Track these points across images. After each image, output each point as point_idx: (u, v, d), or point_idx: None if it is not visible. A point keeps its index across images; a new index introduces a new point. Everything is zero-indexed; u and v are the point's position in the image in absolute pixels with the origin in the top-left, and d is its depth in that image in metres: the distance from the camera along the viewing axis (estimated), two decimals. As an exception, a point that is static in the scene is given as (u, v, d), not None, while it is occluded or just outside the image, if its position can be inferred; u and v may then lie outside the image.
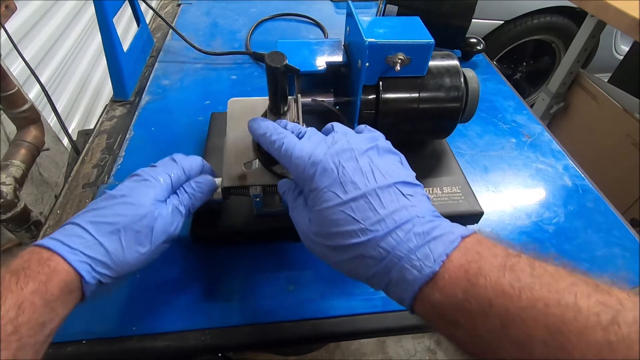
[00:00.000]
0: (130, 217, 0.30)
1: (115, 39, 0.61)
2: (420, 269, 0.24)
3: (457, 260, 0.23)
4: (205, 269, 0.43)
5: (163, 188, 0.33)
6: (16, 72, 0.88)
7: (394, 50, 0.41)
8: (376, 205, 0.26)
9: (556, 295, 0.20)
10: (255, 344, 0.39)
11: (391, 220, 0.25)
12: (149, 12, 0.81)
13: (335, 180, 0.27)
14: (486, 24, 1.62)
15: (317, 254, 0.29)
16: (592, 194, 0.54)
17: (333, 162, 0.28)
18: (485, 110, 0.67)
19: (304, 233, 0.30)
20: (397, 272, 0.24)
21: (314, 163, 0.29)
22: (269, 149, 0.32)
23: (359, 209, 0.26)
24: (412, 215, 0.26)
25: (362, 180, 0.27)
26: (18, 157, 0.73)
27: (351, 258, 0.26)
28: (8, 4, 0.65)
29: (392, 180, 0.27)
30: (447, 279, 0.23)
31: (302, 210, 0.30)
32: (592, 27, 1.14)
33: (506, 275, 0.22)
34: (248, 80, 0.72)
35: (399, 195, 0.27)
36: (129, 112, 0.64)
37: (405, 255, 0.24)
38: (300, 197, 0.31)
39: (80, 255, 0.28)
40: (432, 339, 1.16)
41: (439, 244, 0.24)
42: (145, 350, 0.37)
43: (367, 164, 0.28)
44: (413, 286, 0.24)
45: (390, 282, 0.25)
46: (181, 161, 0.36)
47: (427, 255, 0.24)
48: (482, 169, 0.56)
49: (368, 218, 0.26)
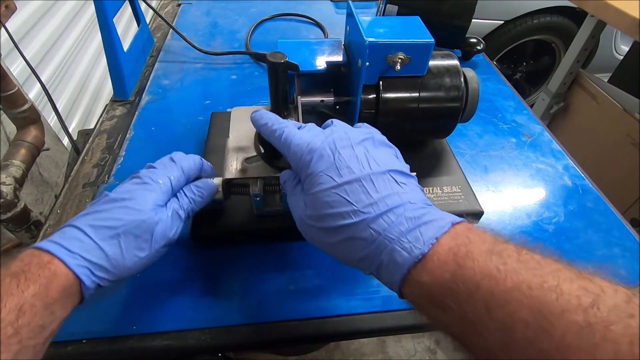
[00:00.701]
0: (130, 221, 0.30)
1: (116, 39, 0.61)
2: (410, 250, 0.24)
3: (446, 244, 0.24)
4: (205, 269, 0.43)
5: (163, 191, 0.33)
6: (16, 72, 0.88)
7: (394, 49, 0.41)
8: (369, 189, 0.27)
9: (540, 279, 0.20)
10: (255, 344, 0.39)
11: (383, 204, 0.26)
12: (149, 12, 0.81)
13: (331, 164, 0.28)
14: (486, 24, 1.62)
15: (311, 238, 0.30)
16: (592, 194, 0.54)
17: (330, 148, 0.29)
18: (485, 110, 0.67)
19: (299, 217, 0.31)
20: (388, 255, 0.25)
21: (311, 150, 0.29)
22: (270, 138, 0.34)
23: (352, 192, 0.27)
24: (404, 200, 0.26)
25: (357, 166, 0.28)
26: (18, 157, 0.73)
27: (343, 240, 0.27)
28: (8, 4, 0.65)
29: (386, 168, 0.28)
30: (436, 261, 0.23)
31: (299, 195, 0.31)
32: (592, 27, 1.14)
33: (493, 259, 0.22)
34: (248, 80, 0.72)
35: (392, 183, 0.28)
36: (129, 112, 0.64)
37: (396, 238, 0.25)
38: (298, 185, 0.32)
39: (80, 260, 0.28)
40: (432, 338, 1.16)
41: (429, 228, 0.25)
42: (146, 350, 0.37)
43: (362, 152, 0.29)
44: (402, 268, 0.24)
45: (381, 265, 0.26)
46: (180, 161, 0.36)
47: (417, 238, 0.24)
48: (482, 168, 0.56)
49: (361, 201, 0.26)
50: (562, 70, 1.27)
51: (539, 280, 0.20)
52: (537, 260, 0.22)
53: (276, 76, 0.36)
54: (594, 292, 0.19)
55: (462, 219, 0.26)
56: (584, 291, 0.19)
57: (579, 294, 0.19)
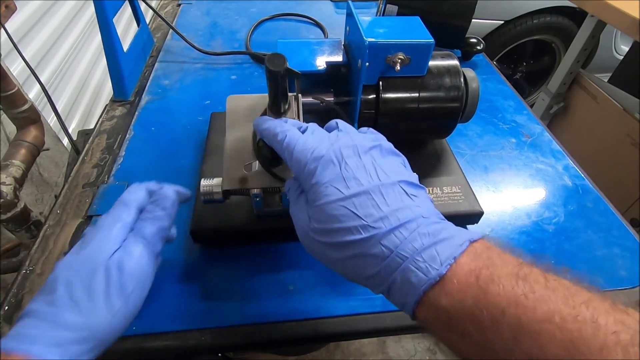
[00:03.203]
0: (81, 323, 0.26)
1: (115, 39, 0.61)
2: (426, 271, 0.22)
3: (466, 265, 0.22)
4: (205, 269, 0.43)
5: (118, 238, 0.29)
6: (16, 72, 0.88)
7: (394, 50, 0.41)
8: (379, 202, 0.25)
9: (573, 310, 0.19)
10: (255, 344, 0.39)
11: (394, 218, 0.24)
12: (149, 12, 0.81)
13: (337, 175, 0.26)
14: (486, 24, 1.62)
15: (314, 253, 0.28)
16: (592, 194, 0.54)
17: (336, 157, 0.27)
18: (485, 110, 0.67)
19: (302, 230, 0.29)
20: (401, 274, 0.23)
21: (315, 158, 0.28)
22: (272, 142, 0.32)
23: (361, 205, 0.25)
24: (416, 214, 0.25)
25: (365, 177, 0.26)
26: (18, 157, 0.73)
27: (351, 256, 0.25)
28: (8, 4, 0.65)
29: (395, 178, 0.27)
30: (456, 284, 0.22)
31: (302, 207, 0.29)
32: (592, 27, 1.14)
33: (520, 285, 0.21)
34: (248, 80, 0.72)
35: (403, 195, 0.26)
36: (129, 112, 0.64)
37: (410, 256, 0.23)
38: (302, 195, 0.30)
39: (52, 347, 0.24)
40: (432, 339, 1.16)
41: (446, 246, 0.23)
42: (145, 350, 0.37)
43: (370, 162, 0.27)
44: (417, 289, 0.23)
45: (393, 284, 0.24)
46: (132, 202, 0.32)
47: (434, 257, 0.23)
48: (482, 169, 0.56)
49: (370, 215, 0.25)
50: (562, 70, 1.27)
51: (571, 312, 0.19)
52: (566, 287, 0.21)
53: (275, 83, 0.35)
54: (631, 328, 0.18)
55: (480, 234, 0.25)
56: (622, 326, 0.18)
57: (616, 330, 0.18)
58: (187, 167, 0.53)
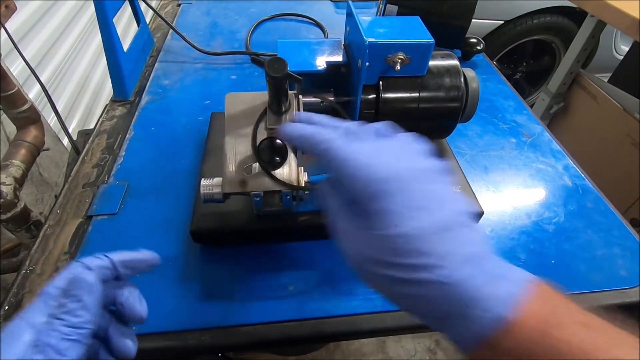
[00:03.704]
0: None
1: (115, 39, 0.61)
2: (490, 310, 0.22)
3: (532, 308, 0.22)
4: (205, 269, 0.43)
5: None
6: (16, 72, 0.88)
7: (394, 50, 0.41)
8: (448, 237, 0.24)
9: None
10: (255, 344, 0.39)
11: (460, 255, 0.23)
12: (149, 12, 0.81)
13: (409, 203, 0.24)
14: (486, 24, 1.62)
15: (367, 280, 0.26)
16: (592, 194, 0.54)
17: (405, 180, 0.25)
18: (485, 110, 0.67)
19: (354, 254, 0.26)
20: (461, 311, 0.22)
21: (378, 180, 0.25)
22: (311, 152, 0.28)
23: (430, 240, 0.23)
24: (476, 250, 0.24)
25: (435, 207, 0.24)
26: (18, 157, 0.73)
27: (411, 293, 0.24)
28: (8, 4, 0.65)
29: (458, 208, 0.25)
30: (523, 327, 0.21)
31: (355, 227, 0.26)
32: (592, 27, 1.14)
33: (591, 335, 0.20)
34: (248, 80, 0.72)
35: (465, 227, 0.25)
36: (129, 112, 0.64)
37: (473, 294, 0.22)
38: (350, 210, 0.27)
39: None
40: (432, 338, 1.16)
41: (510, 286, 0.22)
42: (145, 350, 0.37)
43: (438, 189, 0.25)
44: (479, 329, 0.22)
45: (451, 321, 0.23)
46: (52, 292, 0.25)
47: (498, 296, 0.22)
48: (482, 169, 0.56)
49: (436, 251, 0.23)
50: (562, 70, 1.27)
51: None
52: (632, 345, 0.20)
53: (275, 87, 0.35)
54: None
55: (534, 276, 0.24)
56: None
57: None
58: (187, 167, 0.53)
